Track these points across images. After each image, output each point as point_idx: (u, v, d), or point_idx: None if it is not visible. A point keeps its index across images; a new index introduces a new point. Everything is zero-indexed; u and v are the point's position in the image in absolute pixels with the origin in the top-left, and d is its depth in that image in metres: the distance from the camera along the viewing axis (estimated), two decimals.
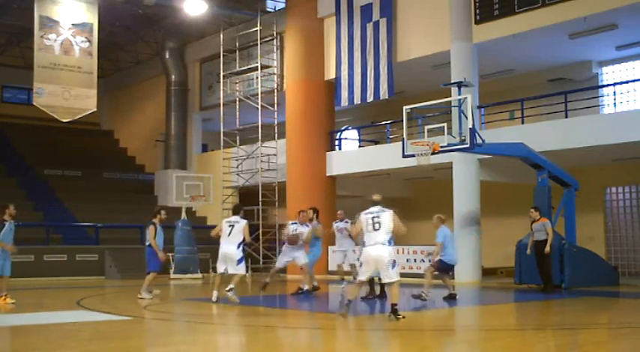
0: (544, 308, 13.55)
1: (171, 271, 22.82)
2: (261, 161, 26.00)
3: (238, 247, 13.21)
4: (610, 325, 11.14)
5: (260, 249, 25.56)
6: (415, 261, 20.00)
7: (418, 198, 26.43)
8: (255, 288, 20.01)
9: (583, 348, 8.92)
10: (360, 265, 11.17)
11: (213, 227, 29.19)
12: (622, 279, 18.53)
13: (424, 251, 19.83)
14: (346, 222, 16.42)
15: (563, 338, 9.66)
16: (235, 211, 13.68)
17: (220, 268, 13.50)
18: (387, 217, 10.78)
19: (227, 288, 13.35)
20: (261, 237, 25.54)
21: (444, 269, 14.43)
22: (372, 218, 10.79)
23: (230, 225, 13.29)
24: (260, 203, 25.67)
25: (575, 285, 16.32)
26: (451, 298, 14.11)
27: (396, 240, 11.15)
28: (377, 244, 10.68)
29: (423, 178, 24.92)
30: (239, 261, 13.30)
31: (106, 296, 17.14)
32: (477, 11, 19.94)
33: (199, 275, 23.13)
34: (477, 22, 19.95)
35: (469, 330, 10.81)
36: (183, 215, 23.85)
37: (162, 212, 15.33)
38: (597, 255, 18.22)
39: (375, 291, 14.54)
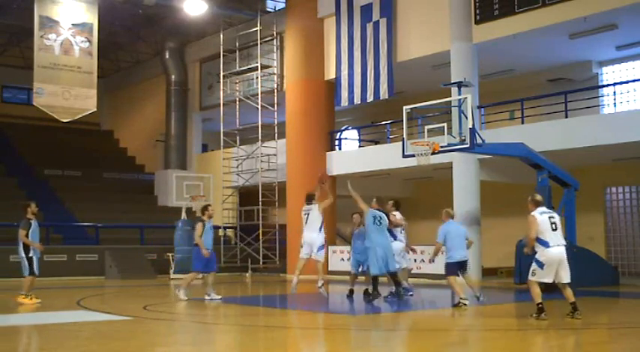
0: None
1: (171, 271, 22.82)
2: (261, 161, 26.00)
3: (320, 231, 14.04)
4: (610, 325, 11.14)
5: (260, 249, 25.56)
6: (415, 260, 19.98)
7: (418, 198, 26.44)
8: (254, 288, 20.03)
9: (583, 348, 8.93)
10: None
11: (213, 227, 29.30)
12: (622, 279, 18.54)
13: (424, 251, 19.80)
14: None
15: (563, 338, 9.66)
16: (308, 200, 14.37)
17: (305, 253, 14.11)
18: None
19: (318, 286, 14.06)
20: (261, 237, 25.55)
21: (454, 271, 13.36)
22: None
23: (305, 214, 14.16)
24: (260, 203, 25.67)
25: (575, 285, 16.29)
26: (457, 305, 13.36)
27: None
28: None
29: (423, 178, 24.92)
30: (319, 248, 14.05)
31: (106, 296, 17.13)
32: (477, 11, 19.94)
33: (199, 275, 23.08)
34: (477, 22, 19.95)
35: (469, 330, 10.81)
36: (184, 215, 23.84)
37: (210, 208, 14.98)
38: (597, 255, 18.22)
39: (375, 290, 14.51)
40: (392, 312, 12.97)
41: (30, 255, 14.51)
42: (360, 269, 14.52)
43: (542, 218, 10.88)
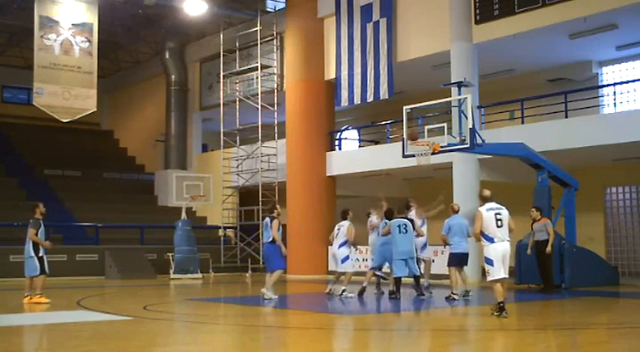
0: (544, 308, 13.55)
1: (171, 271, 22.83)
2: (261, 161, 26.00)
3: (340, 247, 14.80)
4: (610, 325, 11.13)
5: (260, 249, 25.54)
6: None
7: (418, 198, 26.33)
8: (254, 288, 20.03)
9: (583, 348, 8.93)
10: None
11: (213, 227, 29.34)
12: (622, 279, 18.54)
13: None
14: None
15: (563, 338, 9.67)
16: (343, 216, 15.11)
17: (332, 267, 15.19)
18: None
19: (340, 291, 14.64)
20: (261, 237, 25.53)
21: (456, 262, 14.44)
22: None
23: (338, 228, 14.96)
24: (260, 203, 25.66)
25: (575, 285, 16.33)
26: (449, 298, 14.08)
27: None
28: None
29: (423, 178, 24.91)
30: (342, 260, 14.84)
31: (106, 296, 17.13)
32: (477, 11, 19.94)
33: (199, 275, 23.14)
34: (476, 22, 19.95)
35: (469, 330, 10.81)
36: (184, 215, 23.86)
37: (278, 206, 14.83)
38: (597, 255, 18.22)
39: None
40: (392, 312, 12.97)
41: (40, 254, 14.61)
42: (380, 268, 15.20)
43: (488, 214, 11.18)
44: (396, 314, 12.76)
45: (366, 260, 21.71)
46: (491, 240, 11.02)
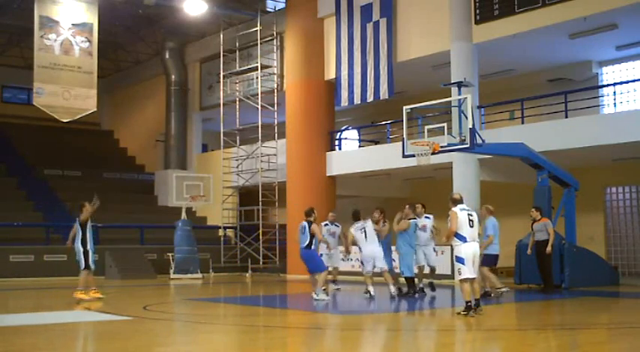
0: (544, 308, 13.56)
1: (172, 271, 22.83)
2: (261, 161, 26.00)
3: (374, 245, 14.62)
4: (610, 325, 11.14)
5: (260, 249, 25.56)
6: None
7: (418, 198, 26.29)
8: (254, 288, 20.03)
9: (583, 348, 8.93)
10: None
11: (213, 227, 29.27)
12: (622, 279, 18.54)
13: None
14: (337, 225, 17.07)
15: (563, 338, 9.67)
16: (355, 217, 14.82)
17: (368, 267, 14.67)
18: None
19: (391, 292, 14.61)
20: (261, 237, 25.56)
21: (493, 262, 14.61)
22: None
23: (362, 231, 14.61)
24: (260, 203, 25.67)
25: (575, 285, 16.32)
26: (487, 295, 14.25)
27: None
28: None
29: (423, 178, 24.91)
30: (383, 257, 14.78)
31: (105, 296, 17.10)
32: (477, 11, 19.94)
33: (199, 275, 23.14)
34: (477, 22, 19.94)
35: (469, 330, 10.81)
36: (184, 215, 23.86)
37: (316, 211, 14.98)
38: (597, 255, 18.21)
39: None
40: (392, 312, 12.97)
41: (87, 248, 15.14)
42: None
43: (462, 214, 11.39)
44: (396, 315, 12.76)
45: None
46: (464, 240, 11.27)
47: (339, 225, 17.19)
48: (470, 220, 11.34)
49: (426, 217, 15.59)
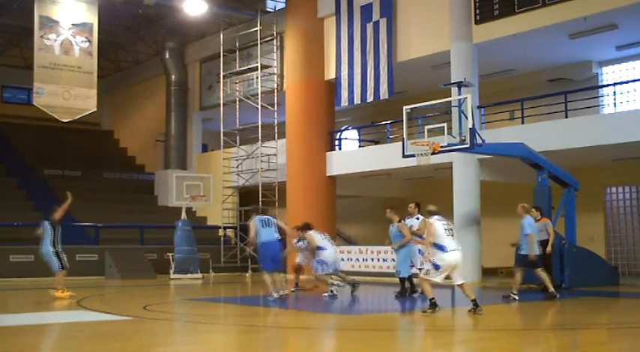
0: (544, 308, 13.55)
1: (171, 271, 22.83)
2: (261, 161, 26.00)
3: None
4: (610, 325, 11.14)
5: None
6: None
7: (418, 198, 26.30)
8: (254, 288, 20.02)
9: (583, 348, 8.93)
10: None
11: (213, 227, 29.23)
12: (622, 279, 18.54)
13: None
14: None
15: (563, 338, 9.67)
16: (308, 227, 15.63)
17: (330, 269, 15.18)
18: None
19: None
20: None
21: (525, 263, 14.27)
22: None
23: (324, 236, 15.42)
24: (260, 203, 25.64)
25: (575, 285, 16.32)
26: (552, 297, 14.11)
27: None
28: None
29: (423, 178, 24.91)
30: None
31: (105, 296, 17.13)
32: (477, 11, 19.93)
33: (199, 275, 23.13)
34: (477, 22, 19.94)
35: (469, 330, 10.81)
36: (184, 215, 23.85)
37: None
38: (597, 255, 18.21)
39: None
40: (392, 312, 12.97)
41: (58, 249, 15.34)
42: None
43: (439, 224, 11.51)
44: (396, 314, 12.76)
45: (366, 260, 21.77)
46: (443, 249, 11.38)
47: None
48: (448, 229, 11.49)
49: (416, 218, 15.44)
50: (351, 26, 22.89)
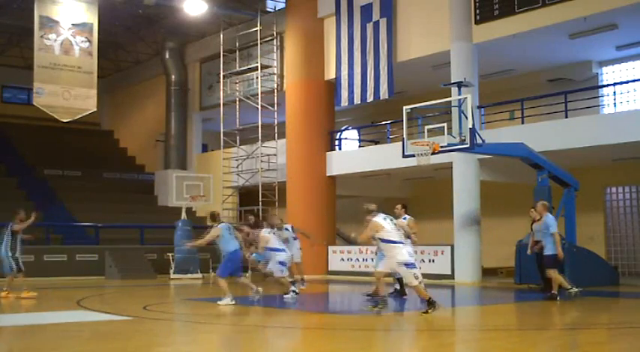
0: (544, 308, 13.55)
1: (171, 271, 22.83)
2: (261, 161, 26.00)
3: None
4: (610, 325, 11.14)
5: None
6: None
7: (418, 198, 26.42)
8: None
9: (583, 348, 8.92)
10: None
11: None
12: (622, 279, 18.54)
13: (424, 251, 19.83)
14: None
15: (563, 338, 9.66)
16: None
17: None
18: None
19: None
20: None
21: (558, 262, 14.18)
22: None
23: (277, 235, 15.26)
24: (260, 203, 25.67)
25: (575, 285, 16.29)
26: (552, 298, 13.96)
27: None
28: None
29: (423, 178, 24.92)
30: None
31: (105, 296, 17.12)
32: (477, 11, 19.94)
33: (199, 275, 23.13)
34: (477, 22, 19.94)
35: (469, 330, 10.81)
36: (184, 215, 23.86)
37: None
38: (597, 255, 18.21)
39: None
40: (392, 312, 12.96)
41: (16, 255, 15.42)
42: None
43: (386, 221, 11.57)
44: (397, 314, 12.75)
45: (366, 260, 21.76)
46: (400, 243, 11.50)
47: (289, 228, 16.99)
48: (394, 224, 11.66)
49: (403, 218, 15.35)
50: (351, 26, 22.89)
